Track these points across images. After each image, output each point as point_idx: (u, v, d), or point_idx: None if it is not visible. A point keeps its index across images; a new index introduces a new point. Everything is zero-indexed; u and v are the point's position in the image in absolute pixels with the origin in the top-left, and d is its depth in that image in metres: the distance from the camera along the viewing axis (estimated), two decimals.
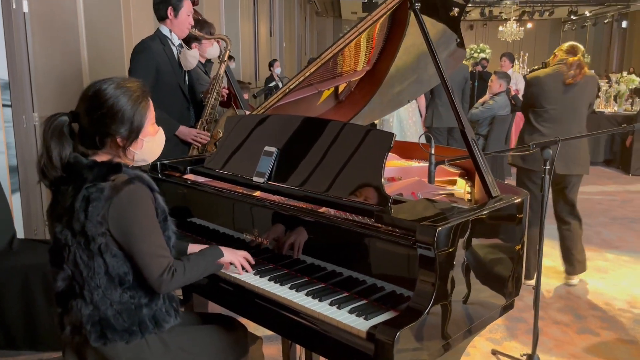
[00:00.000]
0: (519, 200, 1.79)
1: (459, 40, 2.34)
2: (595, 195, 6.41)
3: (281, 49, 13.06)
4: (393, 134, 1.73)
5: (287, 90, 2.29)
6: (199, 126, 3.22)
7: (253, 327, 1.98)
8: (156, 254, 1.55)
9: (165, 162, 2.39)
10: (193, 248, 1.86)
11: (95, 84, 1.62)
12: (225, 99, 3.46)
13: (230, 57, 10.27)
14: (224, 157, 2.23)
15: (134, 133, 1.63)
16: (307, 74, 2.28)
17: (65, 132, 1.59)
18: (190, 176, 2.34)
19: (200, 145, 3.18)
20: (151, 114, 1.68)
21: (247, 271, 1.80)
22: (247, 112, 3.38)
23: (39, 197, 3.74)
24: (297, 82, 2.25)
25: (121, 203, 1.51)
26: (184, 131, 3.12)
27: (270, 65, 10.30)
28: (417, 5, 1.91)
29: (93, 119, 1.59)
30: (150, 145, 1.69)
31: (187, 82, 3.27)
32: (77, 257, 1.55)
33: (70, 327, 1.60)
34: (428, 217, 1.52)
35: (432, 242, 1.42)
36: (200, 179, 2.28)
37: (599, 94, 8.88)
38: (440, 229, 1.43)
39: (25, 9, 3.53)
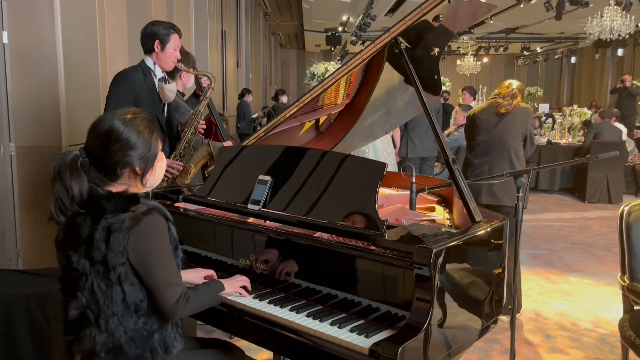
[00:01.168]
0: (501, 224, 1.93)
1: (436, 77, 2.50)
2: (555, 222, 6.71)
3: (247, 79, 13.21)
4: (385, 163, 1.86)
5: (278, 123, 2.40)
6: (172, 159, 3.23)
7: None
8: (172, 282, 1.61)
9: (155, 191, 2.44)
10: (186, 275, 1.93)
11: (105, 119, 1.68)
12: (204, 131, 3.51)
13: (249, 91, 10.44)
14: (217, 186, 2.31)
15: (151, 161, 1.71)
16: (294, 110, 2.41)
17: (79, 167, 1.64)
18: (180, 204, 2.40)
19: (171, 176, 3.18)
20: (160, 139, 1.76)
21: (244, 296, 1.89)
22: (221, 144, 3.45)
23: (13, 227, 3.69)
24: (288, 115, 2.36)
25: (141, 233, 1.57)
26: None
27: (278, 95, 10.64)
28: (403, 46, 2.07)
29: (112, 151, 1.65)
30: (159, 170, 1.78)
31: (165, 115, 3.31)
32: (95, 286, 1.58)
33: (80, 356, 1.62)
34: (422, 239, 1.64)
35: (428, 262, 1.54)
36: (190, 207, 2.35)
37: (554, 126, 9.34)
38: (435, 250, 1.55)
39: (5, 40, 3.56)
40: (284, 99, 10.65)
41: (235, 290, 1.89)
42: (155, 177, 1.76)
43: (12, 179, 3.65)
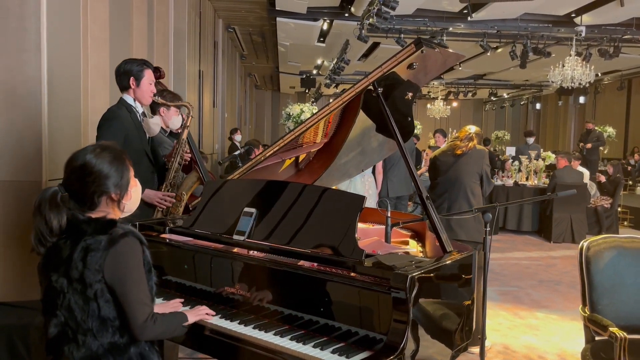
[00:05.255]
0: (470, 253, 2.09)
1: (410, 118, 2.69)
2: (523, 260, 6.94)
3: (223, 119, 13.38)
4: (364, 196, 2.01)
5: (263, 158, 2.54)
6: (163, 189, 3.34)
7: None
8: (142, 302, 1.73)
9: (142, 222, 2.53)
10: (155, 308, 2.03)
11: (78, 155, 1.82)
12: (187, 163, 3.62)
13: (236, 130, 10.65)
14: (203, 217, 2.42)
15: (124, 187, 1.83)
16: (277, 148, 2.56)
17: (59, 201, 1.76)
18: (165, 235, 2.49)
19: (165, 207, 3.29)
20: (131, 167, 1.89)
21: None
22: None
23: None
24: (271, 152, 2.51)
25: (117, 253, 1.70)
26: (149, 194, 3.23)
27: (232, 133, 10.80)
28: (380, 90, 2.25)
29: (88, 183, 1.78)
30: (135, 194, 1.90)
31: (150, 147, 3.42)
32: (72, 303, 1.70)
33: None
34: (399, 266, 1.78)
35: (404, 287, 1.67)
36: (178, 238, 2.44)
37: (521, 167, 9.70)
38: (411, 275, 1.68)
39: None
40: (237, 137, 10.87)
41: (199, 317, 1.99)
42: (132, 201, 1.89)
43: None
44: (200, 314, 2.00)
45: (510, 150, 11.25)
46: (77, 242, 1.70)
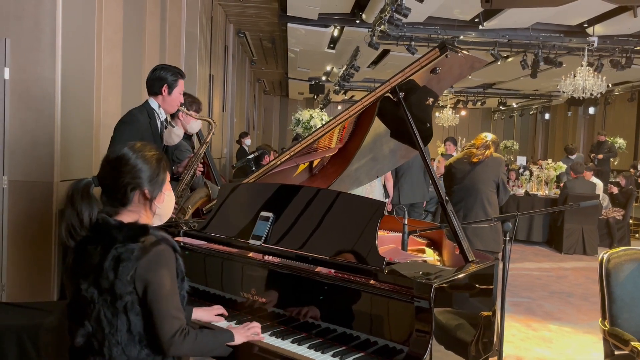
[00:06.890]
0: (492, 263, 2.04)
1: (429, 125, 2.65)
2: (534, 272, 6.86)
3: (232, 123, 13.38)
4: (384, 202, 1.96)
5: (279, 163, 2.50)
6: None
7: None
8: (172, 315, 1.63)
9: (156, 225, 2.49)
10: (198, 313, 1.98)
11: (117, 148, 1.77)
12: (202, 173, 3.59)
13: (246, 134, 10.75)
14: (218, 221, 2.38)
15: (159, 185, 1.76)
16: (292, 153, 2.53)
17: (92, 194, 1.70)
18: (179, 239, 2.45)
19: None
20: (168, 172, 1.83)
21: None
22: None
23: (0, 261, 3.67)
24: (288, 156, 2.47)
25: (149, 263, 1.61)
26: None
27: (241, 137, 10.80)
28: (401, 95, 2.21)
29: (122, 173, 1.71)
30: (168, 199, 1.81)
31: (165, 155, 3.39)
32: (101, 314, 1.61)
33: None
34: (422, 275, 1.73)
35: (428, 296, 1.62)
36: (192, 241, 2.40)
37: (532, 178, 9.63)
38: (435, 285, 1.64)
39: (6, 76, 3.64)
40: (247, 141, 10.87)
41: (248, 339, 1.85)
42: (164, 206, 1.80)
43: (2, 213, 3.65)
44: (249, 333, 1.84)
45: (521, 160, 11.18)
46: (108, 250, 1.62)
